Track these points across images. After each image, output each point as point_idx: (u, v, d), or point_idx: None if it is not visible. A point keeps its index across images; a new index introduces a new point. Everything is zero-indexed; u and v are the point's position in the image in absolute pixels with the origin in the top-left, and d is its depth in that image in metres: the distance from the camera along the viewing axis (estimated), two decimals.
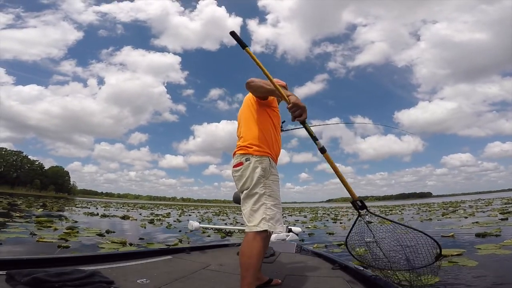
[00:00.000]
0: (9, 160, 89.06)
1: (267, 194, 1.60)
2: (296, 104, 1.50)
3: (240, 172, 1.68)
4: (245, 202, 1.65)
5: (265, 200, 1.58)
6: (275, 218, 1.58)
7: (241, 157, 1.71)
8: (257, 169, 1.62)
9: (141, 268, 2.06)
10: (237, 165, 1.71)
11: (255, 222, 1.54)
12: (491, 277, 2.74)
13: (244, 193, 1.66)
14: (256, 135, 1.73)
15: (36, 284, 1.28)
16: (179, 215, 16.04)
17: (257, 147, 1.69)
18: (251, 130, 1.76)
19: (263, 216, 1.54)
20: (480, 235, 5.34)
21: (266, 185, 1.62)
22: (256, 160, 1.65)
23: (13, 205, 14.41)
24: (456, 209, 16.05)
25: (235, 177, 1.73)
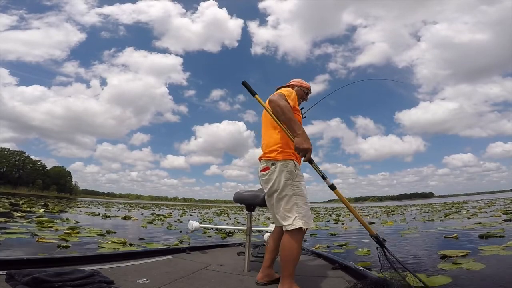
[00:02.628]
0: (11, 160, 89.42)
1: (297, 194, 1.73)
2: (297, 148, 1.66)
3: (267, 176, 1.83)
4: (277, 204, 1.79)
5: (296, 200, 1.72)
6: (307, 215, 1.72)
7: (267, 163, 1.85)
8: (284, 173, 1.76)
9: (141, 268, 2.06)
10: (263, 169, 1.87)
11: (289, 221, 1.69)
12: (497, 278, 2.71)
13: (275, 196, 1.79)
14: (278, 141, 1.84)
15: (36, 284, 1.28)
16: (181, 215, 16.05)
17: (281, 152, 1.80)
18: (272, 137, 1.88)
19: (296, 215, 1.69)
20: (483, 236, 5.29)
21: (294, 186, 1.74)
22: (281, 164, 1.78)
23: (14, 205, 14.45)
24: (458, 210, 15.98)
25: (263, 180, 1.89)
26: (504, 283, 2.52)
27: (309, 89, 2.27)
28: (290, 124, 1.68)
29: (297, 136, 1.65)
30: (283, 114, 1.69)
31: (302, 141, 1.64)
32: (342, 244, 5.21)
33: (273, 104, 1.74)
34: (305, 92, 2.25)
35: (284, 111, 1.69)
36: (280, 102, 1.71)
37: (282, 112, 1.69)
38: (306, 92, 2.26)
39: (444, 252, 3.84)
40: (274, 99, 1.74)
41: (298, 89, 2.20)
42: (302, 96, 2.23)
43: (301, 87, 2.23)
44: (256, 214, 19.96)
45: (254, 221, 12.47)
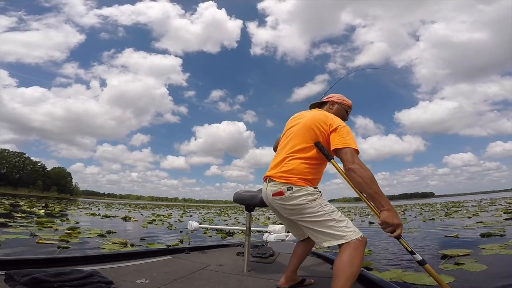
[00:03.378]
0: (11, 161, 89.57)
1: (329, 211, 1.50)
2: (385, 222, 1.37)
3: (283, 202, 1.58)
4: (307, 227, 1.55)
5: (331, 217, 1.48)
6: (350, 225, 1.47)
7: (281, 186, 1.58)
8: (304, 197, 1.52)
9: (141, 268, 2.04)
10: (277, 193, 1.59)
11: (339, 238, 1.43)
12: (499, 278, 2.70)
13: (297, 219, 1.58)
14: (306, 172, 1.59)
15: (35, 284, 1.26)
16: (181, 216, 16.04)
17: (301, 177, 1.57)
18: (302, 165, 1.59)
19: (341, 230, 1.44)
20: (484, 235, 5.29)
21: (322, 205, 1.51)
22: (299, 189, 1.54)
23: (15, 206, 14.45)
24: (459, 209, 15.96)
25: (278, 205, 1.63)
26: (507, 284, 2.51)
27: (350, 108, 1.93)
28: (375, 198, 1.40)
29: (385, 210, 1.38)
30: (368, 188, 1.40)
31: (392, 216, 1.36)
32: None
33: (355, 175, 1.42)
34: (347, 111, 1.91)
35: (369, 184, 1.40)
36: (363, 172, 1.41)
37: (366, 185, 1.40)
38: (347, 112, 1.91)
39: (445, 251, 3.83)
40: (355, 170, 1.42)
41: (339, 107, 1.88)
42: (344, 116, 1.88)
43: (342, 105, 1.89)
44: (256, 214, 19.95)
45: (254, 221, 12.47)
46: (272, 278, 2.01)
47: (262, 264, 2.46)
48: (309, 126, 1.65)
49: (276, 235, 3.62)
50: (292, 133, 1.74)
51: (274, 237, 3.57)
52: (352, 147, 1.49)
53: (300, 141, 1.65)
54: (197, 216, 16.78)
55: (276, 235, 3.64)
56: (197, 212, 24.25)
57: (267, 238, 3.59)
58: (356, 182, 1.44)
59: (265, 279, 1.99)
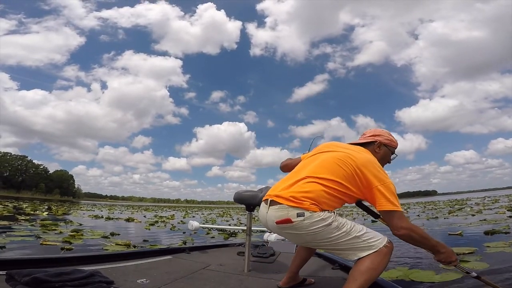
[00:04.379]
0: (14, 165, 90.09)
1: (348, 231, 1.33)
2: (443, 261, 1.40)
3: (292, 230, 1.35)
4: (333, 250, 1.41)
5: (351, 235, 1.32)
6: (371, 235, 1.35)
7: (289, 210, 1.32)
8: (318, 224, 1.30)
9: (141, 268, 2.04)
10: (283, 221, 1.33)
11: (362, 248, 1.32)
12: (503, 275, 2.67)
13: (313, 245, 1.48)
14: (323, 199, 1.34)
15: (36, 284, 1.26)
16: (183, 217, 16.06)
17: (317, 205, 1.33)
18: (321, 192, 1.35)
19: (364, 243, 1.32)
20: (488, 232, 5.25)
21: (340, 226, 1.32)
22: (311, 215, 1.30)
23: (18, 209, 14.53)
24: (462, 207, 15.88)
25: (285, 233, 1.41)
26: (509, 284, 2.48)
27: (396, 148, 1.68)
28: (430, 247, 1.38)
29: (440, 253, 1.38)
30: (423, 246, 1.38)
31: (450, 255, 1.39)
32: None
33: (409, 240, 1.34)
34: (392, 152, 1.66)
35: (423, 242, 1.36)
36: (415, 236, 1.32)
37: (421, 244, 1.36)
38: (393, 153, 1.67)
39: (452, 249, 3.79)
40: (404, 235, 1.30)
41: (387, 150, 1.61)
42: (388, 160, 1.65)
43: (390, 147, 1.63)
44: (257, 214, 19.90)
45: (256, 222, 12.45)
46: (273, 278, 2.00)
47: (262, 264, 2.45)
48: (348, 164, 1.38)
49: (276, 235, 3.61)
50: (322, 158, 1.48)
51: (275, 237, 3.56)
52: (399, 210, 1.32)
53: (330, 172, 1.39)
54: (199, 217, 16.79)
55: (277, 235, 3.63)
56: (199, 213, 24.26)
57: (267, 237, 3.58)
58: (410, 242, 1.35)
59: (266, 279, 1.98)
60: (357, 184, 1.37)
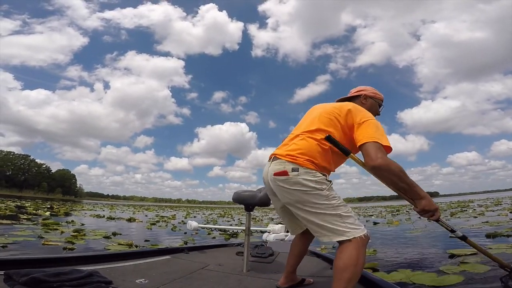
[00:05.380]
0: (17, 164, 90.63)
1: (335, 205, 1.33)
2: (425, 210, 1.36)
3: (284, 183, 1.39)
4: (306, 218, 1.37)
5: (336, 211, 1.32)
6: (356, 222, 1.34)
7: (286, 165, 1.39)
8: (310, 183, 1.34)
9: (140, 268, 2.04)
10: (280, 173, 1.40)
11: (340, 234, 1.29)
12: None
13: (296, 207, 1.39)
14: (316, 156, 1.40)
15: (34, 284, 1.26)
16: (185, 217, 16.07)
17: (311, 161, 1.38)
18: (314, 147, 1.41)
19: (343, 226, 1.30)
20: (490, 235, 5.21)
21: (329, 197, 1.34)
22: (306, 172, 1.36)
23: (20, 208, 14.58)
24: (464, 209, 15.78)
25: (278, 187, 1.43)
26: None
27: (383, 101, 1.76)
28: (410, 189, 1.34)
29: (422, 198, 1.35)
30: (400, 182, 1.31)
31: (429, 203, 1.34)
32: None
33: (386, 173, 1.30)
34: (380, 105, 1.74)
35: (401, 177, 1.30)
36: (392, 168, 1.28)
37: (400, 179, 1.30)
38: (380, 105, 1.74)
39: (453, 251, 3.77)
40: (384, 167, 1.27)
41: (373, 101, 1.70)
42: (377, 112, 1.71)
43: (376, 99, 1.71)
44: (259, 215, 19.93)
45: (257, 222, 12.42)
46: (272, 277, 1.99)
47: (261, 264, 2.45)
48: (335, 113, 1.46)
49: (275, 235, 3.61)
50: (312, 115, 1.56)
51: (274, 237, 3.56)
52: (378, 142, 1.31)
53: (320, 123, 1.46)
54: (200, 217, 16.79)
55: (276, 235, 3.63)
56: (200, 213, 24.27)
57: (266, 237, 3.58)
58: (385, 181, 1.35)
59: (265, 279, 1.97)
60: (344, 130, 1.45)
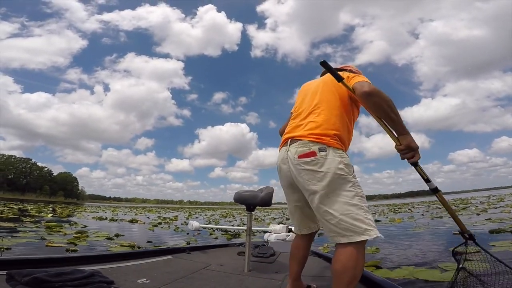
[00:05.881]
0: (18, 167, 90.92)
1: (360, 195, 1.27)
2: (408, 147, 1.29)
3: (312, 165, 1.29)
4: (330, 208, 1.26)
5: (361, 203, 1.25)
6: (370, 216, 1.26)
7: (312, 145, 1.31)
8: (341, 165, 1.27)
9: (141, 268, 2.04)
10: (306, 154, 1.31)
11: (358, 230, 1.21)
12: None
13: (323, 194, 1.27)
14: (338, 127, 1.36)
15: (36, 284, 1.26)
16: (187, 218, 16.07)
17: (338, 139, 1.34)
18: (332, 119, 1.37)
19: (366, 222, 1.22)
20: (494, 231, 5.19)
21: (355, 184, 1.28)
22: (335, 152, 1.30)
23: (23, 211, 14.62)
24: (467, 206, 15.73)
25: (304, 171, 1.32)
26: None
27: None
28: (397, 123, 1.29)
29: (407, 134, 1.30)
30: (391, 111, 1.27)
31: (412, 139, 1.29)
32: None
33: (377, 99, 1.27)
34: None
35: (392, 106, 1.27)
36: (384, 95, 1.26)
37: (390, 108, 1.26)
38: None
39: (457, 249, 3.75)
40: (375, 92, 1.26)
41: None
42: None
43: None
44: (261, 215, 19.90)
45: (259, 222, 12.41)
46: (273, 277, 1.99)
47: (263, 264, 2.44)
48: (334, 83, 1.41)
49: (276, 235, 3.61)
50: (311, 90, 1.53)
51: (275, 237, 3.55)
52: (369, 82, 1.31)
53: (325, 94, 1.44)
54: (202, 218, 16.79)
55: (277, 235, 3.62)
56: (202, 214, 24.28)
57: (268, 237, 3.58)
58: (377, 108, 1.29)
59: (266, 279, 1.97)
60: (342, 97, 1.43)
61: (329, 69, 1.35)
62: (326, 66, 1.35)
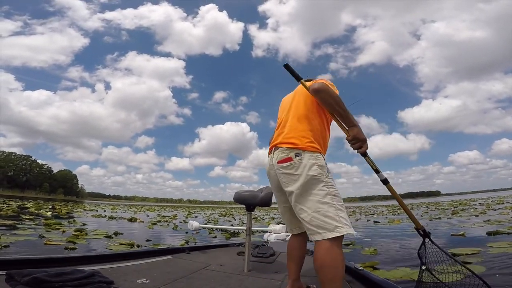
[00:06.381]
0: (18, 164, 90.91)
1: (332, 193, 1.38)
2: (355, 138, 1.42)
3: (289, 169, 1.45)
4: (303, 206, 1.40)
5: (332, 201, 1.36)
6: (348, 219, 1.36)
7: (289, 152, 1.47)
8: (314, 167, 1.40)
9: (141, 268, 2.05)
10: (283, 160, 1.47)
11: (329, 226, 1.31)
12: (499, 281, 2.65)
13: (298, 195, 1.41)
14: (312, 131, 1.50)
15: (36, 284, 1.27)
16: (186, 217, 16.07)
17: (310, 142, 1.47)
18: (303, 124, 1.52)
19: (337, 219, 1.31)
20: (491, 233, 5.20)
21: (328, 184, 1.39)
22: (310, 155, 1.43)
23: (22, 208, 14.62)
24: (466, 208, 15.75)
25: (282, 174, 1.49)
26: None
27: None
28: (346, 115, 1.43)
29: (354, 126, 1.43)
30: (338, 106, 1.41)
31: (360, 131, 1.43)
32: (348, 244, 5.16)
33: (324, 94, 1.41)
34: None
35: (339, 101, 1.41)
36: (330, 91, 1.41)
37: (336, 103, 1.41)
38: None
39: (454, 250, 3.77)
40: (323, 89, 1.40)
41: None
42: None
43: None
44: (260, 214, 19.93)
45: (258, 221, 12.39)
46: (273, 277, 2.00)
47: (262, 264, 2.45)
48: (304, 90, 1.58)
49: (276, 235, 3.61)
50: (289, 101, 1.69)
51: (275, 237, 3.55)
52: (326, 82, 1.47)
53: (296, 103, 1.61)
54: (202, 217, 16.80)
55: (277, 234, 3.62)
56: (201, 213, 24.30)
57: (267, 237, 3.58)
58: (325, 101, 1.44)
59: (266, 279, 1.98)
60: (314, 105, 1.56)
61: (291, 71, 1.58)
62: (288, 69, 1.58)
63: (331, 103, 1.42)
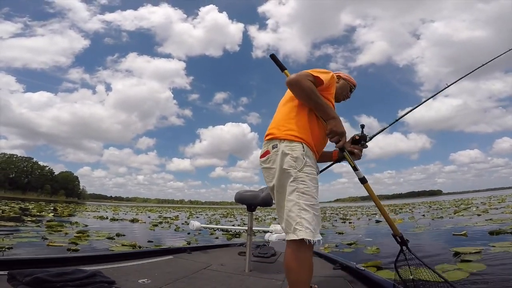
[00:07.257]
0: (20, 166, 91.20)
1: (300, 191, 1.23)
2: (332, 131, 1.34)
3: (267, 163, 1.36)
4: (278, 204, 1.32)
5: (298, 199, 1.22)
6: (313, 222, 1.19)
7: (268, 144, 1.38)
8: (287, 158, 1.28)
9: (142, 268, 2.05)
10: (263, 155, 1.40)
11: (290, 228, 1.20)
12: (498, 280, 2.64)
13: (276, 190, 1.33)
14: (287, 117, 1.39)
15: (37, 284, 1.27)
16: (188, 218, 16.09)
17: (287, 130, 1.35)
18: (282, 113, 1.44)
19: (297, 221, 1.18)
20: (493, 232, 5.18)
21: (298, 179, 1.24)
22: (285, 145, 1.31)
23: (24, 210, 14.66)
24: (468, 207, 15.69)
25: (263, 170, 1.41)
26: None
27: (355, 86, 1.80)
28: (319, 109, 1.34)
29: (332, 119, 1.33)
30: (309, 99, 1.32)
31: (338, 124, 1.33)
32: (351, 243, 5.15)
33: (294, 87, 1.32)
34: (351, 89, 1.78)
35: (310, 94, 1.29)
36: (303, 83, 1.28)
37: (307, 96, 1.31)
38: (351, 89, 1.78)
39: (457, 249, 3.76)
40: (294, 81, 1.30)
41: (345, 82, 1.73)
42: (347, 94, 1.75)
43: (348, 82, 1.75)
44: (262, 215, 19.90)
45: (259, 222, 12.39)
46: (274, 278, 1.99)
47: (263, 264, 2.44)
48: None
49: (277, 235, 3.60)
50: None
51: (276, 237, 3.55)
52: (308, 72, 1.34)
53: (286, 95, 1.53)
54: (203, 218, 16.81)
55: (278, 235, 3.62)
56: (203, 214, 24.30)
57: (268, 237, 3.58)
58: (297, 95, 1.36)
59: (267, 279, 1.97)
60: None
61: (276, 61, 1.57)
62: (274, 59, 1.58)
63: (303, 97, 1.34)
